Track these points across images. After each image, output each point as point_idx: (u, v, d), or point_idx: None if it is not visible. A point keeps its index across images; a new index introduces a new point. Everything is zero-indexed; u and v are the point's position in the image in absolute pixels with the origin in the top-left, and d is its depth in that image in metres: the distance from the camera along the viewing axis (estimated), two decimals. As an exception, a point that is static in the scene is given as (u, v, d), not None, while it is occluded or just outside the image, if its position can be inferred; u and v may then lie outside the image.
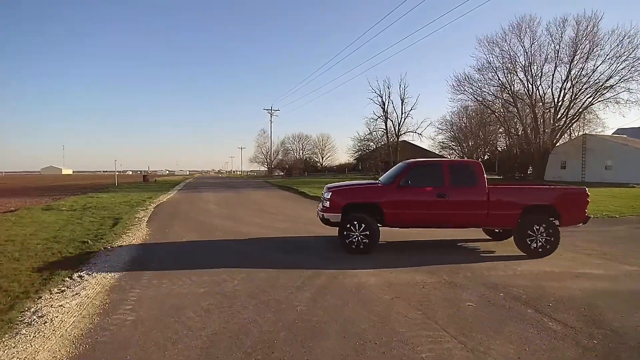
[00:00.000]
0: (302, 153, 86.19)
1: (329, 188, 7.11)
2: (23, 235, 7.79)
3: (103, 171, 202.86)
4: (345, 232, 6.58)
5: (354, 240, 6.55)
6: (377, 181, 7.80)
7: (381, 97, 46.02)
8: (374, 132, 53.56)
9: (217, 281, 4.91)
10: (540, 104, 35.22)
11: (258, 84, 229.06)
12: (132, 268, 5.56)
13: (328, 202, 6.81)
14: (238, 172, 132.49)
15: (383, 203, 6.71)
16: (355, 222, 6.54)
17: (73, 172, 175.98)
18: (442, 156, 70.30)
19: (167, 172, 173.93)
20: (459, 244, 7.63)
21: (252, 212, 12.87)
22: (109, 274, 5.20)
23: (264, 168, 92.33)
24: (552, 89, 34.22)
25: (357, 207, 6.77)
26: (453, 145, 63.93)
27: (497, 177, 44.23)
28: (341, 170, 72.78)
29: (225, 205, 14.95)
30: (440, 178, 6.85)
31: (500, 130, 44.20)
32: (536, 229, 6.53)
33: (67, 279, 4.94)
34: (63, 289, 4.56)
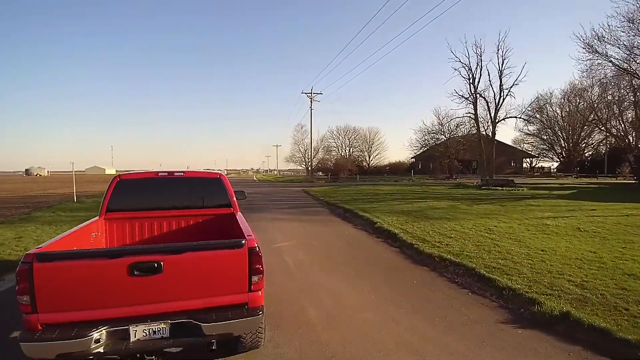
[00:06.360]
0: (350, 150, 67.63)
1: None
2: None
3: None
4: None
5: None
6: None
7: (469, 69, 31.77)
8: (445, 124, 41.41)
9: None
10: None
11: (298, 77, 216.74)
12: None
13: None
14: (275, 172, 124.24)
15: None
16: None
17: (116, 171, 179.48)
18: (526, 153, 56.04)
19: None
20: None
21: None
22: None
23: (301, 167, 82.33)
24: None
25: None
26: (543, 136, 49.85)
27: (627, 180, 29.44)
28: (395, 170, 59.60)
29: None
30: None
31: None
32: None
33: None
34: None
